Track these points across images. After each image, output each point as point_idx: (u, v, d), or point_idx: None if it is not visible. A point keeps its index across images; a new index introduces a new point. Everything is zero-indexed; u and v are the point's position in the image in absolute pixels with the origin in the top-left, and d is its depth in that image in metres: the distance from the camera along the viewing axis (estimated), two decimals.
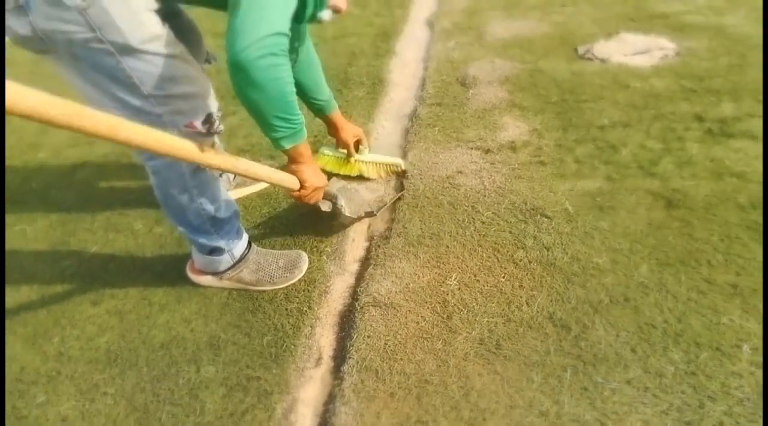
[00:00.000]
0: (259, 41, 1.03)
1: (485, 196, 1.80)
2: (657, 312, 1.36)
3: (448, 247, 1.62)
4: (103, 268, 1.70)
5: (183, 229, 1.45)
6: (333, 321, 1.50)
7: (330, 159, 1.94)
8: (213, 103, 1.30)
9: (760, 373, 1.21)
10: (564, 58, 2.58)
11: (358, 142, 1.89)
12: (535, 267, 1.52)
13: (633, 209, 1.67)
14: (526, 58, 2.62)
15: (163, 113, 1.18)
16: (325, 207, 1.67)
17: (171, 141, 0.98)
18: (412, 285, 1.52)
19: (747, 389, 1.18)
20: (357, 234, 1.77)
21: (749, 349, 1.25)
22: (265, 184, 1.94)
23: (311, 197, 1.42)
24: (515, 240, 1.62)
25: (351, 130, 1.84)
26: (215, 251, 1.50)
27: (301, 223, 1.78)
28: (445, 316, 1.42)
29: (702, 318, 1.33)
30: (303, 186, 1.37)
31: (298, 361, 1.37)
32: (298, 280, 1.57)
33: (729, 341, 1.27)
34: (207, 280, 1.58)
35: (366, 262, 1.66)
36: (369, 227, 1.79)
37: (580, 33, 2.80)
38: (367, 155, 1.94)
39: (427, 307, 1.45)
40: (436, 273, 1.55)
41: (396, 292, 1.50)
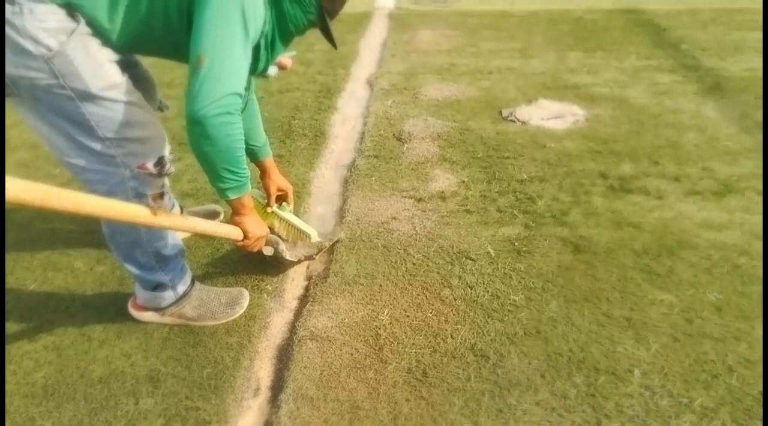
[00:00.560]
0: (217, 101, 1.16)
1: (416, 240, 1.96)
2: (563, 342, 1.54)
3: (381, 286, 1.76)
4: (42, 305, 1.72)
5: (128, 265, 1.52)
6: (271, 354, 1.58)
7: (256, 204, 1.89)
8: (165, 147, 1.40)
9: (648, 394, 1.39)
10: (490, 119, 2.85)
11: (282, 196, 1.89)
12: (460, 304, 1.68)
13: (546, 253, 1.88)
14: (456, 117, 2.87)
15: (118, 155, 1.28)
16: (268, 252, 1.77)
17: (129, 210, 1.12)
18: (347, 320, 1.63)
19: (637, 408, 1.35)
20: (297, 274, 1.87)
21: (639, 374, 1.44)
22: None
23: (254, 246, 1.53)
24: (442, 280, 1.78)
25: (279, 181, 1.84)
26: (159, 287, 1.57)
27: (244, 263, 1.87)
28: (377, 348, 1.54)
29: (601, 347, 1.52)
30: (246, 236, 1.48)
31: (236, 392, 1.44)
32: (238, 315, 1.65)
33: (623, 367, 1.46)
34: (149, 315, 1.63)
35: (304, 299, 1.76)
36: (308, 268, 1.91)
37: (504, 98, 3.10)
38: (287, 213, 1.91)
39: (361, 340, 1.57)
40: (369, 309, 1.67)
41: (332, 326, 1.61)
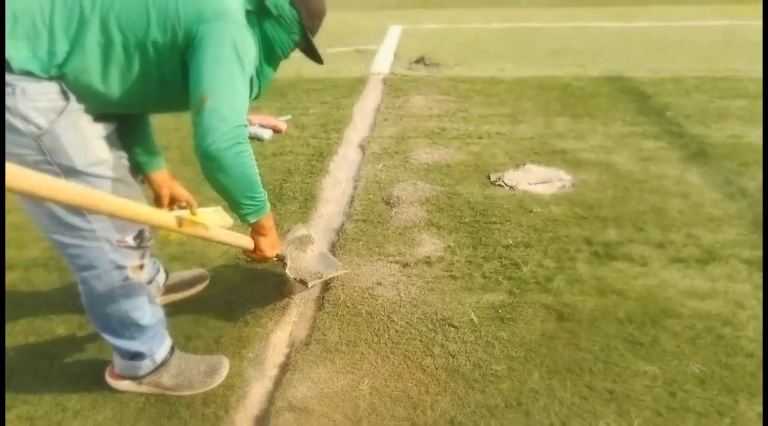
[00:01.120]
0: (226, 134, 1.25)
1: (400, 306, 1.96)
2: (545, 416, 1.51)
3: (363, 354, 1.75)
4: (19, 371, 1.70)
5: (106, 335, 1.51)
6: (247, 425, 1.55)
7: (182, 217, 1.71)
8: None
9: None
10: (478, 183, 2.91)
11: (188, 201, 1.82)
12: (441, 373, 1.66)
13: (530, 321, 1.88)
14: (445, 181, 2.93)
15: (98, 229, 1.32)
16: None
17: (156, 216, 1.20)
18: (326, 390, 1.61)
19: None
20: (279, 340, 1.86)
21: None
22: (193, 291, 2.04)
23: (262, 260, 1.68)
24: (425, 348, 1.76)
25: (179, 187, 1.79)
26: (137, 356, 1.55)
27: (228, 329, 1.86)
28: (355, 420, 1.51)
29: (582, 421, 1.49)
30: (255, 250, 1.61)
31: None
32: (217, 385, 1.63)
33: None
34: (125, 384, 1.61)
35: (285, 367, 1.74)
36: (291, 334, 1.90)
37: (493, 162, 3.17)
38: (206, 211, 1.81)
39: (339, 412, 1.54)
40: (350, 378, 1.65)
41: (310, 396, 1.59)
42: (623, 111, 4.05)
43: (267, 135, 3.56)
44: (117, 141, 1.41)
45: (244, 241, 1.59)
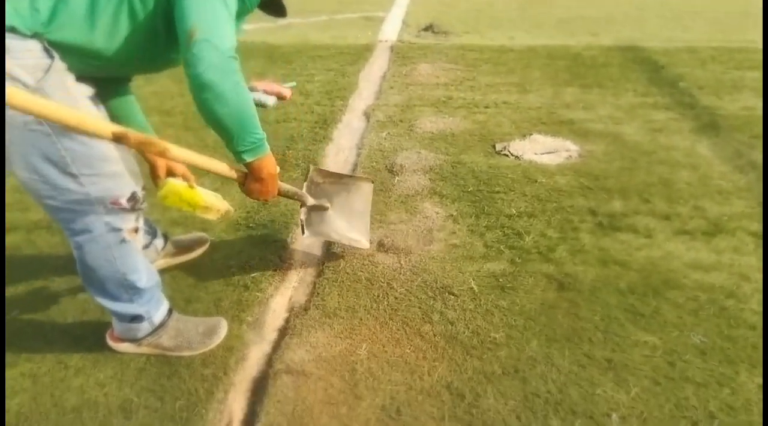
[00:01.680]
0: (222, 62, 1.22)
1: (400, 273, 1.95)
2: (542, 383, 1.51)
3: (361, 320, 1.75)
4: (22, 331, 1.72)
5: (102, 300, 1.51)
6: (246, 387, 1.56)
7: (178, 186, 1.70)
8: (138, 183, 1.43)
9: None
10: (483, 152, 2.87)
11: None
12: (439, 340, 1.66)
13: (530, 290, 1.87)
14: (449, 150, 2.89)
15: (91, 192, 1.30)
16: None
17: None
18: (324, 354, 1.62)
19: None
20: (278, 305, 1.87)
21: (617, 418, 1.41)
22: (193, 255, 2.04)
23: (262, 198, 1.59)
24: (423, 315, 1.76)
25: None
26: (135, 319, 1.56)
27: (227, 293, 1.87)
28: (352, 383, 1.52)
29: (580, 389, 1.49)
30: (248, 193, 1.56)
31: (208, 425, 1.43)
32: (216, 346, 1.64)
33: (601, 410, 1.43)
34: (125, 346, 1.62)
35: (284, 331, 1.75)
36: (290, 299, 1.90)
37: (499, 132, 3.13)
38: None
39: (337, 375, 1.55)
40: (348, 343, 1.66)
41: (309, 360, 1.60)
42: (635, 81, 3.97)
43: (271, 101, 3.52)
44: (100, 103, 1.39)
45: (226, 171, 1.50)
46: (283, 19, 1.65)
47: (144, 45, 1.33)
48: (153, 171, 1.71)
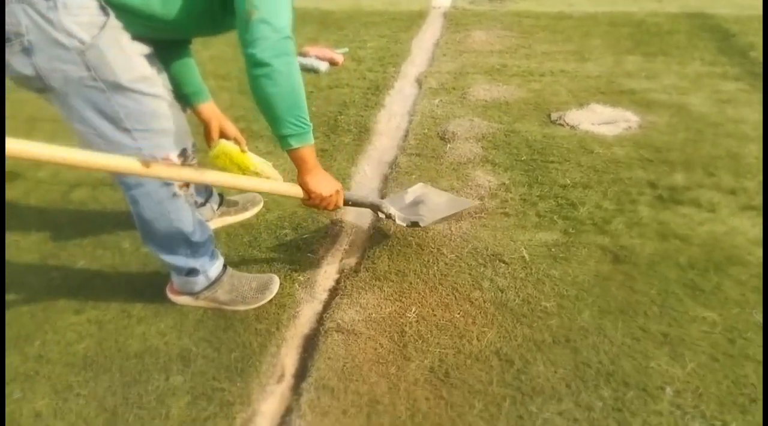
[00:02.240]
0: (277, 43, 1.23)
1: (451, 240, 1.95)
2: (593, 353, 1.49)
3: (411, 284, 1.76)
4: (89, 281, 1.81)
5: (159, 253, 1.58)
6: (298, 343, 1.61)
7: (230, 148, 1.77)
8: (189, 140, 1.46)
9: (679, 413, 1.33)
10: (537, 122, 2.79)
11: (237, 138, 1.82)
12: (489, 307, 1.66)
13: (583, 261, 1.83)
14: (503, 119, 2.83)
15: (144, 147, 1.34)
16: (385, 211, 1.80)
17: (119, 162, 1.22)
18: (374, 315, 1.64)
19: None
20: (329, 266, 1.90)
21: (671, 392, 1.38)
22: (248, 215, 2.09)
23: (326, 205, 1.55)
24: (473, 281, 1.76)
25: (229, 122, 1.79)
26: (191, 272, 1.62)
27: (279, 252, 1.91)
28: (401, 344, 1.54)
29: (633, 361, 1.46)
30: (310, 196, 1.51)
31: (261, 377, 1.48)
32: (268, 301, 1.69)
33: (654, 383, 1.40)
34: (184, 299, 1.69)
35: (335, 292, 1.78)
36: (341, 261, 1.93)
37: (555, 101, 3.03)
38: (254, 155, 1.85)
39: (386, 336, 1.57)
40: (397, 306, 1.67)
41: (359, 320, 1.62)
42: (702, 50, 3.75)
43: (323, 67, 3.51)
44: (157, 62, 1.41)
45: (290, 189, 1.52)
46: None
47: (199, 12, 1.35)
48: (207, 132, 1.74)
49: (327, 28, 4.47)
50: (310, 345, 1.60)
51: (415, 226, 1.84)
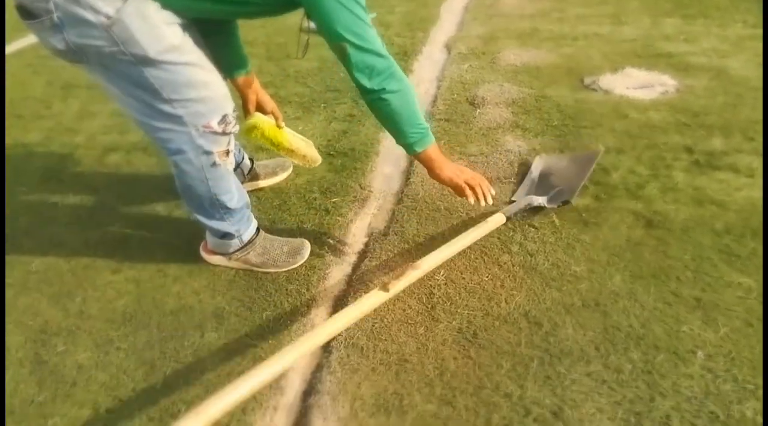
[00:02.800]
0: (379, 66, 1.31)
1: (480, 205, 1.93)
2: (624, 317, 1.48)
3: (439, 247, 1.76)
4: (125, 241, 1.87)
5: (198, 216, 1.61)
6: (327, 303, 1.64)
7: (264, 122, 1.82)
8: (229, 105, 1.45)
9: (710, 377, 1.31)
10: (570, 87, 2.73)
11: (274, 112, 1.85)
12: (518, 270, 1.65)
13: (615, 226, 1.80)
14: (534, 84, 2.77)
15: (183, 115, 1.35)
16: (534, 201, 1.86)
17: (367, 303, 1.36)
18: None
19: (696, 389, 1.29)
20: (358, 229, 1.91)
21: (703, 355, 1.36)
22: (277, 179, 2.12)
23: (480, 187, 1.62)
24: (502, 245, 1.75)
25: (267, 96, 1.82)
26: (226, 236, 1.65)
27: (309, 216, 1.93)
28: (430, 306, 1.56)
29: (664, 325, 1.45)
30: (461, 188, 1.59)
31: (292, 335, 1.51)
32: (299, 265, 1.71)
33: (685, 347, 1.39)
34: (217, 259, 1.73)
35: (363, 255, 1.80)
36: (369, 225, 1.94)
37: (588, 65, 2.95)
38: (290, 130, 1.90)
39: (414, 298, 1.59)
40: None
41: (387, 282, 1.64)
42: (745, 12, 3.58)
43: None
44: (192, 28, 1.38)
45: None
46: None
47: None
48: (244, 104, 1.76)
49: None
50: (339, 305, 1.62)
51: (567, 204, 1.87)
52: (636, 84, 2.71)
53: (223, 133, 1.45)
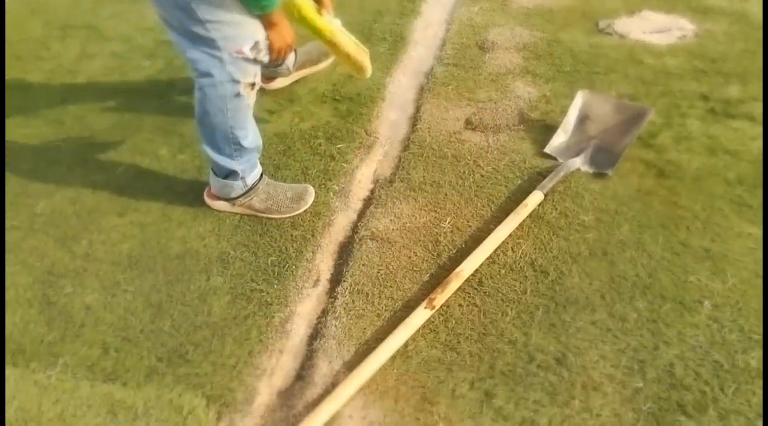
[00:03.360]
0: None
1: (488, 152, 1.90)
2: (630, 266, 1.48)
3: (446, 195, 1.74)
4: (129, 184, 1.85)
5: (208, 148, 1.59)
6: (333, 249, 1.64)
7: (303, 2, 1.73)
8: (260, 33, 1.43)
9: (716, 326, 1.32)
10: (583, 31, 2.62)
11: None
12: (525, 219, 1.63)
13: (626, 175, 1.77)
14: (546, 28, 2.66)
15: (216, 37, 1.36)
16: None
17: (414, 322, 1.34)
18: (408, 224, 1.64)
19: (701, 339, 1.30)
20: (364, 176, 1.89)
21: (710, 306, 1.36)
22: (321, 67, 2.24)
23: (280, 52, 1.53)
24: (510, 193, 1.73)
25: None
26: (231, 175, 1.63)
27: (314, 162, 1.90)
28: (436, 254, 1.55)
29: (671, 275, 1.44)
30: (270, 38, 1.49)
31: (297, 281, 1.52)
32: (303, 211, 1.70)
33: (692, 297, 1.39)
34: (221, 204, 1.72)
35: (369, 201, 1.78)
36: (375, 171, 1.91)
37: (603, 8, 2.82)
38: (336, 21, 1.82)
39: (420, 245, 1.58)
40: (432, 216, 1.67)
41: (393, 229, 1.63)
42: None
43: None
44: None
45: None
46: None
47: None
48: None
49: None
50: (344, 252, 1.62)
51: (604, 175, 1.77)
52: (653, 28, 2.60)
53: (254, 61, 1.45)
